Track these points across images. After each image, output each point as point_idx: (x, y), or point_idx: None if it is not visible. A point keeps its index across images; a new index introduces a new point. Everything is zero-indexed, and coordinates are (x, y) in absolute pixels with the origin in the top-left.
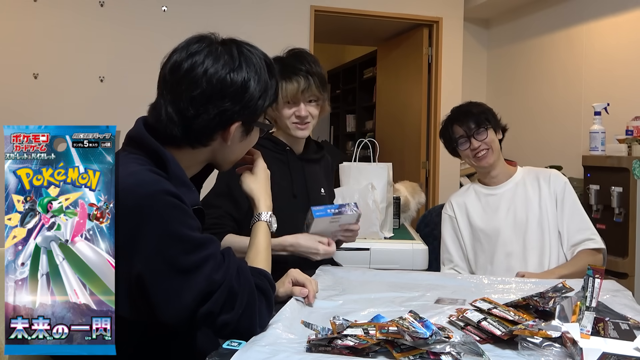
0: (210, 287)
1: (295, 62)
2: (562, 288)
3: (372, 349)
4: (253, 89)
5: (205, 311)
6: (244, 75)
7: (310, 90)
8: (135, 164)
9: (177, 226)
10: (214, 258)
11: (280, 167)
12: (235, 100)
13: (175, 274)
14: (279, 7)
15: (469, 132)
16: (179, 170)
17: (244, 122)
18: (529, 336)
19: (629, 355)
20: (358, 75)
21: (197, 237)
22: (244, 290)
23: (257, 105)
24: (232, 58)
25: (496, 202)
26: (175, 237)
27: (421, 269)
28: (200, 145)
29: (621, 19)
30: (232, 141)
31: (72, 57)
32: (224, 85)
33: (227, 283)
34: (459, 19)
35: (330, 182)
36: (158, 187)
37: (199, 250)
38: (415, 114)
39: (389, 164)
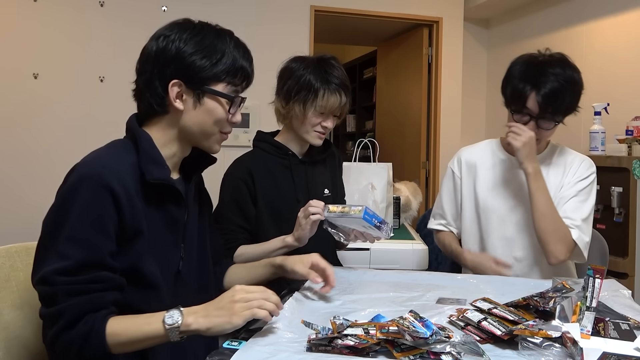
0: (46, 279)
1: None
2: (563, 288)
3: (372, 348)
4: (188, 49)
5: (37, 290)
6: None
7: (345, 107)
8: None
9: (75, 212)
10: (71, 261)
11: (283, 172)
12: (170, 60)
13: (48, 247)
14: (279, 7)
15: (537, 111)
16: (151, 149)
17: (185, 82)
18: (529, 336)
19: (629, 355)
20: (358, 75)
21: (79, 231)
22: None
23: (195, 64)
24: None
25: (512, 175)
26: (67, 220)
27: (421, 269)
28: (161, 110)
29: (621, 19)
30: (185, 107)
31: (72, 57)
32: (165, 48)
33: (56, 288)
34: (459, 19)
35: (337, 179)
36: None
37: (72, 244)
38: (415, 114)
39: (389, 164)
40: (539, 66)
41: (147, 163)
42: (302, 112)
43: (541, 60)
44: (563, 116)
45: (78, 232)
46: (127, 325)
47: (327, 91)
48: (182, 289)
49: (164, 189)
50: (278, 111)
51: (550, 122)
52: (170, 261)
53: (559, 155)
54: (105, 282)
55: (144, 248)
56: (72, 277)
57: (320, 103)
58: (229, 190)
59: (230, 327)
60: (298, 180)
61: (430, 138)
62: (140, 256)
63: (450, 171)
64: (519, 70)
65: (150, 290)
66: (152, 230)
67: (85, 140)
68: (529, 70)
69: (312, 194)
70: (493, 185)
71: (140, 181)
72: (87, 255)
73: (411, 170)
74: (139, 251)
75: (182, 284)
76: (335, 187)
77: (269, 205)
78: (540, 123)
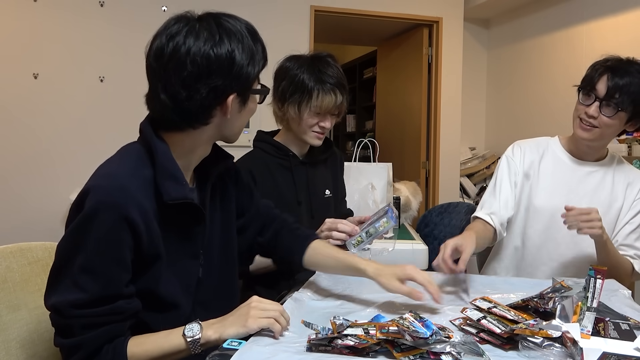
0: (60, 309)
1: (331, 72)
2: (561, 288)
3: (372, 348)
4: (239, 59)
5: (50, 318)
6: (227, 48)
7: (342, 106)
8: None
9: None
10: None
11: (283, 173)
12: (224, 74)
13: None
14: (279, 7)
15: (602, 95)
16: (168, 162)
17: (238, 93)
18: (530, 336)
19: (629, 355)
20: (358, 75)
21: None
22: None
23: (248, 74)
24: (212, 33)
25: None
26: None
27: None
28: (201, 124)
29: (621, 19)
30: (231, 114)
31: (72, 57)
32: (209, 61)
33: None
34: (459, 19)
35: (338, 179)
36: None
37: (88, 275)
38: (415, 114)
39: (389, 164)
40: (624, 60)
41: (164, 179)
42: (298, 113)
43: (627, 58)
44: (631, 106)
45: (95, 264)
46: (147, 346)
47: (322, 91)
48: (204, 293)
49: (183, 207)
50: (275, 113)
51: (614, 108)
52: (190, 272)
53: (618, 166)
54: (122, 313)
55: (161, 271)
56: (88, 310)
57: (315, 104)
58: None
59: (244, 330)
60: (299, 181)
61: (430, 138)
62: (157, 279)
63: (506, 159)
64: (602, 60)
65: (166, 312)
66: (170, 250)
67: (85, 141)
68: (611, 61)
69: (312, 195)
70: (550, 184)
71: (157, 200)
72: (104, 289)
73: (411, 170)
74: (156, 275)
75: (204, 289)
76: (336, 188)
77: None
78: (603, 107)
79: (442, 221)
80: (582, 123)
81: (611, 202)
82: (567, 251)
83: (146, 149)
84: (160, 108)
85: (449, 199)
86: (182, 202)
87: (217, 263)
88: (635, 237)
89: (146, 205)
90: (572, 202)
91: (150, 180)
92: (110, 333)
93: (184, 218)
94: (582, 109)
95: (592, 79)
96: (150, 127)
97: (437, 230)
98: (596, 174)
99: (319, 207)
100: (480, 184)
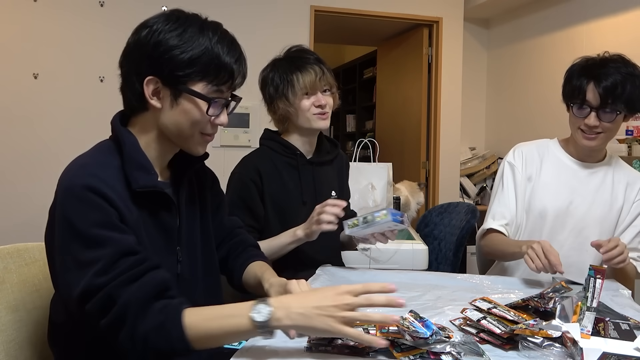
0: (90, 287)
1: (302, 54)
2: (561, 288)
3: (372, 348)
4: (166, 42)
5: (87, 311)
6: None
7: (326, 78)
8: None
9: (79, 221)
10: (103, 260)
11: (290, 172)
12: (146, 55)
13: (74, 266)
14: (279, 7)
15: (596, 103)
16: (135, 153)
17: (162, 81)
18: (530, 336)
19: (630, 355)
20: (358, 75)
21: (95, 234)
22: (124, 300)
23: (172, 62)
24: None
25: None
26: (75, 232)
27: (421, 269)
28: (140, 107)
29: (621, 19)
30: (162, 105)
31: (72, 57)
32: (143, 40)
33: (107, 289)
34: (459, 19)
35: (343, 181)
36: (74, 181)
37: (94, 248)
38: (415, 114)
39: (389, 164)
40: (598, 61)
41: (132, 169)
42: (289, 104)
43: (600, 57)
44: (626, 107)
45: (91, 236)
46: (208, 317)
47: (300, 72)
48: (187, 291)
49: (152, 196)
50: (274, 119)
51: (612, 113)
52: (167, 267)
53: (617, 166)
54: (148, 260)
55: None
56: (114, 272)
57: (299, 85)
58: (236, 190)
59: (328, 335)
60: (305, 181)
61: (430, 138)
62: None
63: (509, 165)
64: (578, 67)
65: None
66: (146, 237)
67: (85, 141)
68: (588, 66)
69: (319, 196)
70: (552, 186)
71: (128, 188)
72: (113, 250)
73: (411, 170)
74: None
75: (186, 285)
76: (341, 189)
77: (276, 204)
78: (600, 115)
79: (442, 221)
80: (585, 134)
81: (612, 202)
82: (570, 252)
83: (115, 143)
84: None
85: (449, 199)
86: (151, 190)
87: (200, 261)
88: (639, 240)
89: (119, 189)
90: (575, 203)
91: (119, 170)
92: (151, 284)
93: (154, 207)
94: (580, 122)
95: (579, 90)
96: (119, 121)
97: (437, 230)
98: (597, 174)
99: None
100: (480, 184)
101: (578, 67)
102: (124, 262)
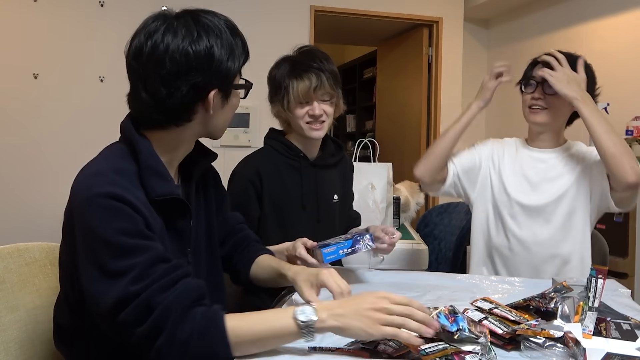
0: (125, 296)
1: (305, 60)
2: (562, 288)
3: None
4: (219, 54)
5: (121, 320)
6: (205, 44)
7: (323, 87)
8: (107, 159)
9: (106, 230)
10: (138, 267)
11: (292, 174)
12: (203, 70)
13: (103, 277)
14: (279, 7)
15: (540, 79)
16: (151, 160)
17: (220, 88)
18: (532, 336)
19: (633, 355)
20: (358, 75)
21: (125, 242)
22: (163, 307)
23: (228, 69)
24: (189, 29)
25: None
26: (103, 242)
27: (421, 269)
28: (183, 121)
29: (621, 19)
30: (214, 110)
31: (72, 57)
32: (188, 58)
33: (144, 296)
34: (459, 19)
35: (347, 185)
36: (95, 190)
37: (126, 257)
38: (415, 114)
39: (389, 164)
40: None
41: (149, 176)
42: (284, 110)
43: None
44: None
45: (120, 245)
46: (251, 321)
47: (295, 80)
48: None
49: (169, 202)
50: (276, 118)
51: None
52: None
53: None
54: (180, 267)
55: None
56: (149, 279)
57: (293, 93)
58: (234, 190)
59: (365, 336)
60: (306, 184)
61: (430, 138)
62: None
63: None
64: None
65: None
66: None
67: (85, 141)
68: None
69: (321, 199)
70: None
71: (147, 195)
72: (144, 258)
73: (411, 170)
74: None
75: None
76: (344, 194)
77: (275, 206)
78: (545, 88)
79: (442, 221)
80: (531, 109)
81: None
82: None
83: (129, 147)
84: (142, 107)
85: (449, 199)
86: (168, 197)
87: (205, 261)
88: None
89: (141, 196)
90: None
91: (136, 175)
92: (189, 290)
93: (170, 215)
94: (527, 98)
95: (526, 73)
96: (132, 125)
97: (437, 230)
98: (556, 159)
99: (326, 212)
100: None
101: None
102: (158, 268)
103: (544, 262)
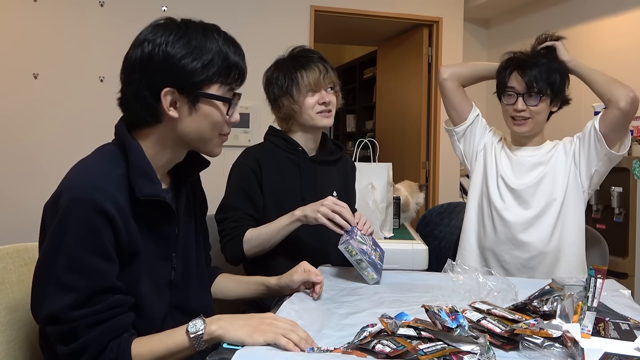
0: (61, 316)
1: (306, 53)
2: (551, 290)
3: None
4: (174, 52)
5: (49, 331)
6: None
7: (329, 76)
8: (102, 159)
9: (72, 239)
10: (84, 292)
11: (291, 168)
12: (158, 68)
13: (52, 281)
14: (279, 7)
15: (521, 90)
16: (141, 161)
17: (179, 90)
18: (530, 336)
19: (631, 355)
20: (358, 75)
21: (83, 260)
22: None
23: (187, 70)
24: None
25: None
26: (66, 250)
27: (421, 269)
28: (154, 120)
29: (621, 19)
30: (180, 114)
31: (72, 57)
32: (143, 54)
33: (75, 324)
34: (459, 19)
35: (348, 185)
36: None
37: (78, 274)
38: (415, 114)
39: (389, 164)
40: (522, 55)
41: (138, 177)
42: (294, 101)
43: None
44: (550, 90)
45: (79, 261)
46: (150, 345)
47: (304, 70)
48: (180, 297)
49: (154, 204)
50: (278, 117)
51: (536, 98)
52: (161, 273)
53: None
54: (121, 305)
55: (141, 268)
56: (88, 309)
57: (304, 83)
58: (237, 179)
59: (249, 340)
60: (305, 178)
61: (430, 138)
62: (138, 277)
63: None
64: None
65: (141, 313)
66: (145, 248)
67: (85, 141)
68: (512, 59)
69: (319, 194)
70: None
71: (130, 197)
72: (95, 284)
73: (411, 170)
74: (137, 272)
75: (179, 292)
76: (345, 192)
77: (274, 194)
78: (526, 99)
79: (442, 221)
80: (515, 120)
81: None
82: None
83: (120, 149)
84: (125, 106)
85: (449, 199)
86: (154, 199)
87: (194, 268)
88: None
89: (121, 201)
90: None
91: (123, 178)
92: (115, 328)
93: (155, 216)
94: (509, 109)
95: (503, 80)
96: (125, 128)
97: (437, 230)
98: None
99: None
100: None
101: (506, 59)
102: (99, 300)
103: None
